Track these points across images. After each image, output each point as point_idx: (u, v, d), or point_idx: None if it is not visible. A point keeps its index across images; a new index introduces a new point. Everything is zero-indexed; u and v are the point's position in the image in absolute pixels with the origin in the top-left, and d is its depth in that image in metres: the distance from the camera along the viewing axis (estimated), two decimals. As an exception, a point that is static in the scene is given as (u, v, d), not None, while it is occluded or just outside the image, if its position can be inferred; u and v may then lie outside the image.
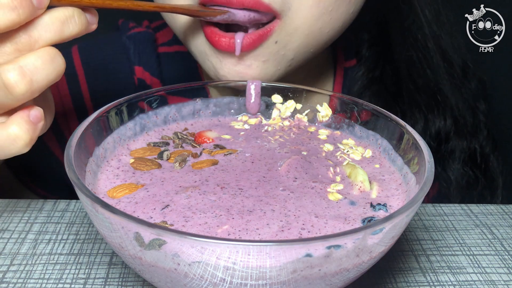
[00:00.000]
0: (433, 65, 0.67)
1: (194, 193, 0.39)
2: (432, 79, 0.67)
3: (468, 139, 0.68)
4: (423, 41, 0.66)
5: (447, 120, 0.67)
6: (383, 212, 0.40)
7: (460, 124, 0.68)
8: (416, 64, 0.66)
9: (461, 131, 0.68)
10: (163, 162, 0.44)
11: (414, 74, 0.67)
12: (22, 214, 0.52)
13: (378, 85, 0.68)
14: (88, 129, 0.42)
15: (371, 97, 0.67)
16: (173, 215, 0.37)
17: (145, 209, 0.38)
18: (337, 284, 0.35)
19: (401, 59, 0.67)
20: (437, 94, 0.67)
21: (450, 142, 0.67)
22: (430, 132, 0.67)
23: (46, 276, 0.45)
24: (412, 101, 0.67)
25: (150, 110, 0.49)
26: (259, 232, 0.36)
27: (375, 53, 0.69)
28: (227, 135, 0.50)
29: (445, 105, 0.67)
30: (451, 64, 0.68)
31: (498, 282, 0.46)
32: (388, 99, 0.67)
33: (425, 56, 0.66)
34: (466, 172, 0.68)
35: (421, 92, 0.67)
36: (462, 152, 0.67)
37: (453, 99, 0.67)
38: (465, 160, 0.68)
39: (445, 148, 0.67)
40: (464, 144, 0.68)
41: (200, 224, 0.36)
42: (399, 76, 0.67)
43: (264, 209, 0.38)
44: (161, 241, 0.31)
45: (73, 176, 0.36)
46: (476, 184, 0.68)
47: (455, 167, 0.67)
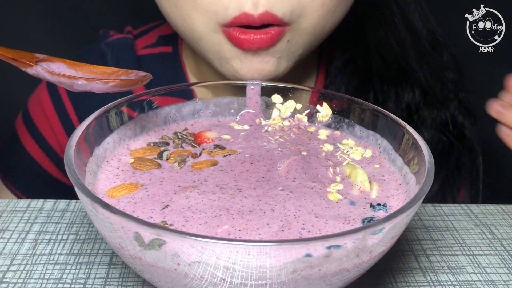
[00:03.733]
0: (400, 40, 0.70)
1: (193, 193, 0.39)
2: (399, 53, 0.70)
3: (439, 108, 0.70)
4: (390, 17, 0.70)
5: (416, 92, 0.69)
6: (383, 213, 0.40)
7: (429, 94, 0.70)
8: (384, 40, 0.70)
9: (430, 101, 0.70)
10: (163, 162, 0.44)
11: (383, 50, 0.70)
12: (22, 214, 0.52)
13: (352, 65, 0.71)
14: (88, 129, 0.42)
15: (346, 78, 0.70)
16: (173, 215, 0.37)
17: (144, 209, 0.38)
18: (337, 284, 0.35)
19: (370, 37, 0.70)
20: (405, 68, 0.70)
21: (420, 112, 0.69)
22: (401, 105, 0.69)
23: (46, 276, 0.45)
24: (382, 77, 0.69)
25: (151, 110, 0.49)
26: (259, 232, 0.36)
27: (346, 34, 0.71)
28: (227, 135, 0.50)
29: (413, 78, 0.69)
30: (418, 38, 0.71)
31: (498, 282, 0.46)
32: (362, 78, 0.70)
33: (392, 32, 0.70)
34: (440, 139, 0.70)
35: (389, 67, 0.70)
36: (433, 120, 0.70)
37: (421, 72, 0.70)
38: (437, 127, 0.70)
39: (417, 118, 0.69)
40: (434, 113, 0.70)
41: (200, 224, 0.36)
42: (369, 54, 0.70)
43: (264, 208, 0.38)
44: (161, 241, 0.32)
45: (73, 176, 0.36)
46: (452, 149, 0.70)
47: (428, 135, 0.69)
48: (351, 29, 0.70)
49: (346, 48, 0.71)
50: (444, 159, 0.70)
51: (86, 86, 0.39)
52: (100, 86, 0.40)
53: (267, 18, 0.55)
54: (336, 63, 0.71)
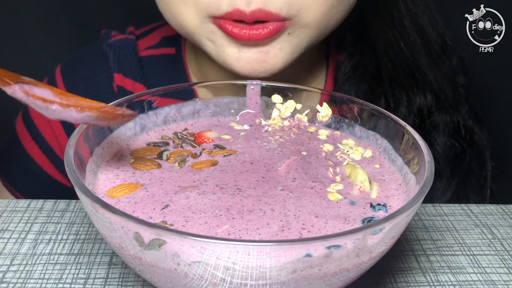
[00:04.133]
0: (410, 43, 0.69)
1: (193, 193, 0.39)
2: (409, 56, 0.68)
3: (451, 113, 0.69)
4: (399, 19, 0.69)
5: (427, 96, 0.68)
6: (383, 213, 0.40)
7: (441, 99, 0.69)
8: (393, 43, 0.69)
9: (442, 106, 0.69)
10: (163, 162, 0.44)
11: (391, 53, 0.69)
12: (22, 214, 0.52)
13: (361, 70, 0.69)
14: (88, 129, 0.42)
15: (355, 84, 0.69)
16: (173, 215, 0.37)
17: (144, 209, 0.38)
18: (337, 284, 0.35)
19: (378, 40, 0.69)
20: (415, 71, 0.68)
21: (433, 117, 0.68)
22: (413, 110, 0.68)
23: (46, 276, 0.45)
24: (392, 81, 0.68)
25: (151, 110, 0.49)
26: (259, 232, 0.36)
27: (353, 37, 0.70)
28: (227, 135, 0.50)
29: (424, 82, 0.68)
30: (428, 41, 0.70)
31: (498, 282, 0.46)
32: (371, 82, 0.69)
33: (401, 34, 0.69)
34: (452, 144, 0.69)
35: (399, 70, 0.68)
36: (446, 125, 0.69)
37: (432, 75, 0.69)
38: (450, 133, 0.69)
39: (429, 123, 0.68)
40: (447, 118, 0.69)
41: (200, 224, 0.36)
42: (377, 57, 0.69)
43: (264, 208, 0.38)
44: (161, 241, 0.32)
45: (73, 176, 0.36)
46: (464, 155, 0.69)
47: (441, 141, 0.68)
48: (358, 31, 0.69)
49: (354, 52, 0.70)
50: (456, 166, 0.69)
51: (61, 113, 0.36)
52: (74, 115, 0.37)
53: (259, 15, 0.54)
54: (344, 69, 0.70)
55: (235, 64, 0.58)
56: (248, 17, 0.54)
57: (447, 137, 0.68)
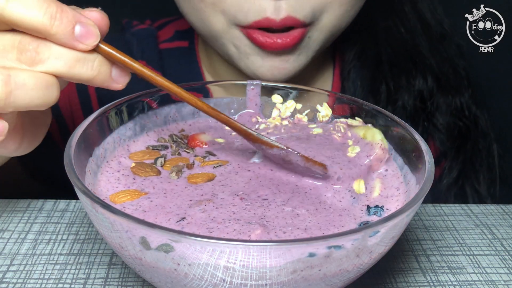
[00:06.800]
0: (410, 28, 0.70)
1: (208, 206, 0.39)
2: (409, 41, 0.70)
3: (453, 94, 0.70)
4: (400, 5, 0.71)
5: (428, 79, 0.69)
6: (376, 218, 0.40)
7: (442, 81, 0.70)
8: (393, 29, 0.70)
9: (444, 88, 0.70)
10: (161, 169, 0.44)
11: (392, 39, 0.70)
12: (22, 214, 0.52)
13: (363, 58, 0.71)
14: (88, 129, 0.42)
15: (360, 72, 0.70)
16: (192, 227, 0.36)
17: (157, 219, 0.37)
18: (337, 284, 0.35)
19: (380, 26, 0.71)
20: (414, 55, 0.70)
21: (434, 98, 0.70)
22: (413, 93, 0.69)
23: (46, 276, 0.45)
24: (392, 66, 0.70)
25: (151, 110, 0.49)
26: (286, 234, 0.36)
27: (355, 25, 0.70)
28: (220, 138, 0.49)
29: (424, 65, 0.70)
30: (428, 26, 0.71)
31: (498, 282, 0.46)
32: (373, 70, 0.70)
33: (402, 20, 0.71)
34: (456, 124, 0.70)
35: (399, 55, 0.70)
36: (448, 106, 0.70)
37: (432, 59, 0.70)
38: (453, 112, 0.70)
39: (431, 105, 0.70)
40: (449, 99, 0.70)
41: (228, 233, 0.36)
42: (378, 44, 0.71)
43: (264, 208, 0.38)
44: (169, 247, 0.31)
45: (73, 176, 0.36)
46: (468, 133, 0.70)
47: (444, 121, 0.70)
48: (360, 19, 0.70)
49: (356, 40, 0.71)
50: (461, 144, 0.70)
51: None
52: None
53: (289, 22, 0.56)
54: (347, 58, 0.71)
55: (257, 70, 0.60)
56: (279, 24, 0.55)
57: (450, 116, 0.70)
